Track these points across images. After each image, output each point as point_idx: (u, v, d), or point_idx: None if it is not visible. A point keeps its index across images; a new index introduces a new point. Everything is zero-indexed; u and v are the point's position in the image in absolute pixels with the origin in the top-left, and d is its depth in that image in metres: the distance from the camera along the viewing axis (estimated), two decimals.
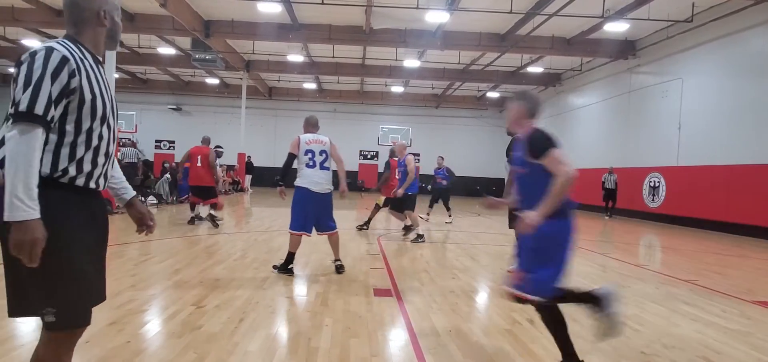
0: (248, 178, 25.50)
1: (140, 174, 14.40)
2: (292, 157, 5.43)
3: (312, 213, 5.36)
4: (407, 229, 9.10)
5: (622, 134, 18.22)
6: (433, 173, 13.40)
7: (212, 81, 27.65)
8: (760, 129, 12.14)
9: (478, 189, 26.96)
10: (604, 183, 16.93)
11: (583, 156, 21.02)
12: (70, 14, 1.86)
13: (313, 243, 6.74)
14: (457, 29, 16.91)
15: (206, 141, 9.61)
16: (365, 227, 9.68)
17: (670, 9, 13.71)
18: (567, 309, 4.42)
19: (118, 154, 13.72)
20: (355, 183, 29.49)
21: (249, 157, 25.91)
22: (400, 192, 8.56)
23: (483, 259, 7.21)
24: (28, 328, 3.23)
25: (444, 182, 12.61)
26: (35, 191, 1.58)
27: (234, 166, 24.53)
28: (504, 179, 6.17)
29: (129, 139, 22.56)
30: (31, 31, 18.99)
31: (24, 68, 1.64)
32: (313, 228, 5.47)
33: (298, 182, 5.39)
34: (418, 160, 30.43)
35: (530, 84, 23.91)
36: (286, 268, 5.37)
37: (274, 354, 3.06)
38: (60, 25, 17.29)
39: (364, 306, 4.24)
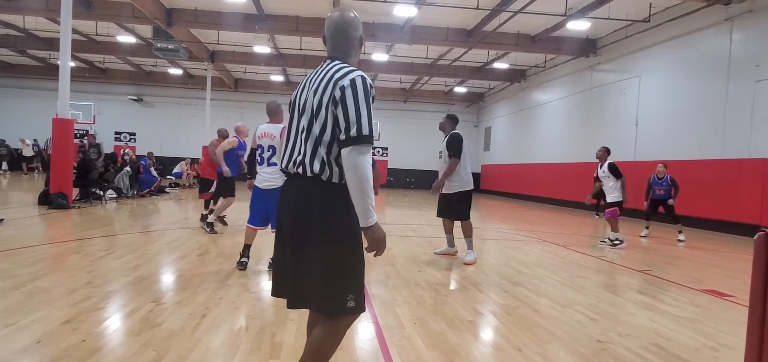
0: None
1: (100, 166, 13.85)
2: (253, 150, 5.40)
3: (262, 209, 5.26)
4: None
5: (583, 130, 18.72)
6: (649, 182, 11.25)
7: (175, 71, 26.86)
8: (711, 126, 12.72)
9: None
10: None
11: (546, 151, 21.55)
12: (341, 42, 2.11)
13: None
14: (424, 24, 17.00)
15: (221, 133, 9.00)
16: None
17: (629, 9, 14.17)
18: (528, 301, 4.56)
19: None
20: None
21: None
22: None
23: None
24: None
25: (661, 192, 10.88)
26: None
27: (198, 159, 23.98)
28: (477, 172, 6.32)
29: (86, 131, 21.72)
30: None
31: (350, 95, 1.89)
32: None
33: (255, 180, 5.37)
34: (385, 153, 30.62)
35: (496, 79, 24.31)
36: (240, 259, 5.34)
37: (237, 350, 3.03)
38: (11, 10, 16.45)
39: None
